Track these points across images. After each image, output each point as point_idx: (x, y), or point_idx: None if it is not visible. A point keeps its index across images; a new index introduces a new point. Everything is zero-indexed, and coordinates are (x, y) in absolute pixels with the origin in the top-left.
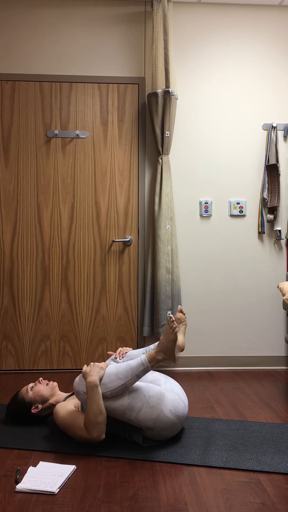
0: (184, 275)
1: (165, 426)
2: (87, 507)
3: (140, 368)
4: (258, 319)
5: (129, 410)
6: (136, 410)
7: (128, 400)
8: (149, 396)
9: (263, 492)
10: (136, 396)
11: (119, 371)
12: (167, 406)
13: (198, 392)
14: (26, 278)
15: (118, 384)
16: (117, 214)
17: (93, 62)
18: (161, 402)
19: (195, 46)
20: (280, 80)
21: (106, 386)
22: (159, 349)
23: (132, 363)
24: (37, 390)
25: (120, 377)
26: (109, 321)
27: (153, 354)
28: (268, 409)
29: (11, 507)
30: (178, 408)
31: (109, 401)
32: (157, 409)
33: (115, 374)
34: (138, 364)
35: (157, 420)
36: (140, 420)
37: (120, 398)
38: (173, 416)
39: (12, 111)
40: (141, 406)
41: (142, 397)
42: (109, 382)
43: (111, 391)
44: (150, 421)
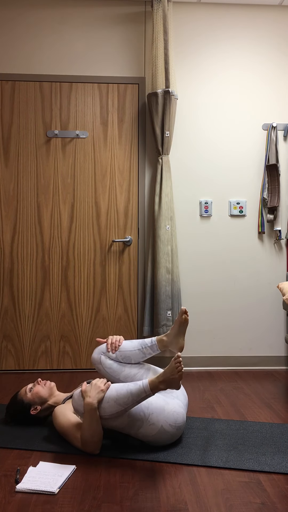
0: (184, 275)
1: (165, 439)
2: (87, 507)
3: (142, 395)
4: (258, 319)
5: (129, 427)
6: (135, 428)
7: (128, 419)
8: (149, 414)
9: (263, 492)
10: (136, 414)
11: (119, 396)
12: (167, 421)
13: (198, 392)
14: (26, 278)
15: (117, 410)
16: (117, 214)
17: (93, 62)
18: (161, 417)
19: (195, 46)
20: (280, 80)
21: (105, 410)
22: (163, 380)
23: (134, 390)
24: (36, 391)
25: (120, 403)
26: (109, 321)
27: (156, 383)
28: (268, 409)
29: (11, 507)
30: (178, 420)
31: (107, 420)
32: (157, 426)
33: (114, 399)
34: (140, 391)
35: (157, 436)
36: (139, 436)
37: (119, 418)
38: (173, 429)
39: (12, 111)
40: (140, 424)
41: (141, 415)
42: (108, 407)
43: (109, 415)
44: (150, 436)
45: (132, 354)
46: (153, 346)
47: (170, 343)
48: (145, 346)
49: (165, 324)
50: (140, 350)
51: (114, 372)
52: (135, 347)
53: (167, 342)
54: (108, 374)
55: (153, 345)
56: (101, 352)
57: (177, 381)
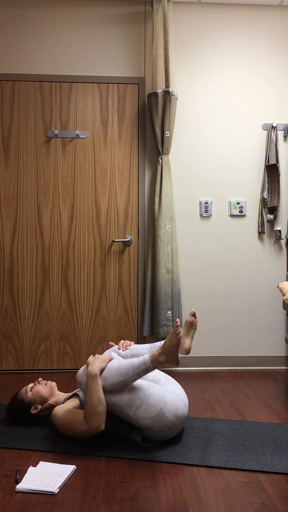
0: (184, 275)
1: (164, 426)
2: (87, 507)
3: (142, 367)
4: (258, 319)
5: (128, 406)
6: (135, 407)
7: (128, 397)
8: (149, 395)
9: (263, 492)
10: (136, 393)
11: (121, 367)
12: (166, 406)
13: (198, 392)
14: (26, 278)
15: (118, 380)
16: (117, 214)
17: (93, 62)
18: (161, 401)
19: (195, 46)
20: (280, 80)
21: (106, 379)
22: (162, 351)
23: (135, 361)
24: (36, 390)
25: (121, 373)
26: (109, 321)
27: (156, 355)
28: (268, 409)
29: (11, 507)
30: (178, 409)
31: (108, 395)
32: (156, 408)
33: (116, 369)
34: (140, 363)
35: (156, 419)
36: (138, 417)
37: (119, 394)
38: (172, 417)
39: (12, 111)
40: (140, 404)
41: (141, 395)
42: (110, 376)
43: (110, 385)
44: (148, 419)
45: (140, 352)
46: None
47: None
48: (154, 347)
49: (165, 324)
50: (149, 350)
51: None
52: (144, 347)
53: None
54: None
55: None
56: (112, 350)
57: (175, 349)
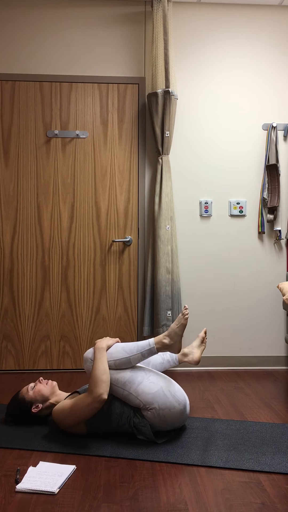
0: (184, 275)
1: (164, 405)
2: (87, 507)
3: (146, 347)
4: (258, 319)
5: (130, 382)
6: (136, 383)
7: (130, 373)
8: (150, 374)
9: (263, 492)
10: (138, 371)
11: (127, 345)
12: (166, 386)
13: (198, 392)
14: (26, 278)
15: (122, 356)
16: (117, 214)
17: (93, 62)
18: (161, 380)
19: (195, 46)
20: (280, 80)
21: (112, 355)
22: (167, 334)
23: (140, 342)
24: (38, 389)
25: (126, 351)
26: (109, 321)
27: (161, 337)
28: (268, 409)
29: (11, 507)
30: (177, 393)
31: (111, 371)
32: (157, 385)
33: (122, 347)
34: (145, 344)
35: (156, 396)
36: (139, 393)
37: (122, 371)
38: (172, 397)
39: (12, 111)
40: (141, 380)
41: (143, 373)
42: (115, 352)
43: (114, 361)
44: (149, 394)
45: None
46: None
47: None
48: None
49: (165, 324)
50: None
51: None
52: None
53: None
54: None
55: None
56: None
57: (181, 330)
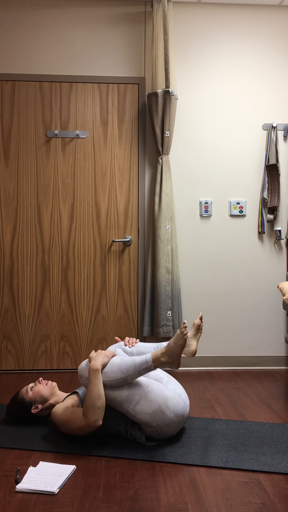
0: (184, 275)
1: (162, 423)
2: (87, 507)
3: (143, 366)
4: (258, 319)
5: (127, 401)
6: (133, 402)
7: (127, 392)
8: (148, 391)
9: (263, 492)
10: (135, 389)
11: (123, 364)
12: (165, 402)
13: (198, 392)
14: (26, 278)
15: (119, 376)
16: (117, 214)
17: (93, 62)
18: (160, 398)
19: (195, 46)
20: (280, 80)
21: (107, 375)
22: (165, 351)
23: (137, 360)
24: (37, 390)
25: (122, 370)
26: (109, 321)
27: (158, 355)
28: (268, 409)
29: (11, 507)
30: (177, 407)
31: (108, 389)
32: (155, 404)
33: (118, 365)
34: (142, 362)
35: (154, 415)
36: (137, 413)
37: (119, 389)
38: (170, 413)
39: (12, 111)
40: (139, 399)
41: (141, 391)
42: (111, 372)
43: (110, 381)
44: (147, 415)
45: (146, 351)
46: None
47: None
48: (160, 346)
49: (165, 324)
50: (155, 349)
51: None
52: (151, 346)
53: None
54: None
55: None
56: (118, 346)
57: (179, 350)
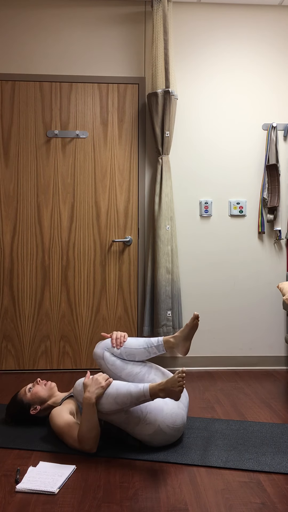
0: (184, 275)
1: (162, 439)
2: (87, 507)
3: (141, 399)
4: (258, 319)
5: (126, 424)
6: (132, 424)
7: (125, 416)
8: (146, 413)
9: (263, 492)
10: (133, 412)
11: (119, 395)
12: (164, 421)
13: (198, 392)
14: (26, 278)
15: (115, 408)
16: (117, 214)
17: (93, 62)
18: (159, 418)
19: (195, 46)
20: (280, 80)
21: (103, 406)
22: (164, 388)
23: (133, 392)
24: (35, 391)
25: (118, 403)
26: (109, 321)
27: (157, 390)
28: (268, 409)
29: (11, 507)
30: (176, 421)
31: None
32: (154, 425)
33: (114, 398)
34: (139, 394)
35: (153, 435)
36: (136, 434)
37: (117, 413)
38: (170, 430)
39: (12, 111)
40: (137, 422)
41: (139, 413)
42: (106, 403)
43: (107, 411)
44: (146, 436)
45: (137, 352)
46: (159, 346)
47: (176, 345)
48: (150, 345)
49: (165, 324)
50: (146, 349)
51: (116, 369)
52: (140, 345)
53: (173, 344)
54: (110, 370)
55: (159, 345)
56: (105, 347)
57: (177, 394)
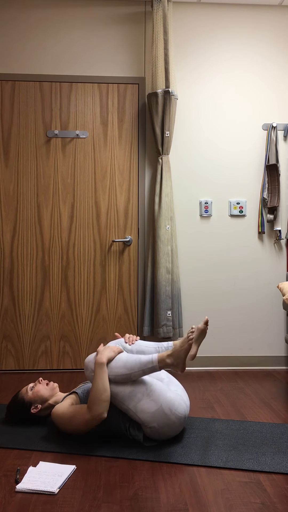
0: (184, 275)
1: (163, 423)
2: (87, 507)
3: (148, 365)
4: (258, 319)
5: (129, 398)
6: (135, 400)
7: (130, 389)
8: (150, 390)
9: (263, 492)
10: (138, 387)
11: (128, 361)
12: (167, 403)
13: (198, 392)
14: (26, 278)
15: (123, 372)
16: (117, 214)
17: (93, 62)
18: (162, 398)
19: (195, 46)
20: (280, 80)
21: (112, 370)
22: (171, 353)
23: (143, 358)
24: (37, 390)
25: (127, 367)
26: (109, 321)
27: (164, 357)
28: (268, 409)
29: (11, 507)
30: (179, 409)
31: (111, 384)
32: (157, 404)
33: (123, 362)
34: (148, 361)
35: (155, 415)
36: (138, 410)
37: (122, 385)
38: (172, 415)
39: (12, 111)
40: (141, 397)
41: (143, 389)
42: (116, 367)
43: (114, 376)
44: (148, 414)
45: (147, 350)
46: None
47: None
48: (160, 347)
49: (165, 324)
50: (155, 349)
51: None
52: (150, 346)
53: None
54: None
55: (169, 347)
56: (118, 342)
57: (184, 354)
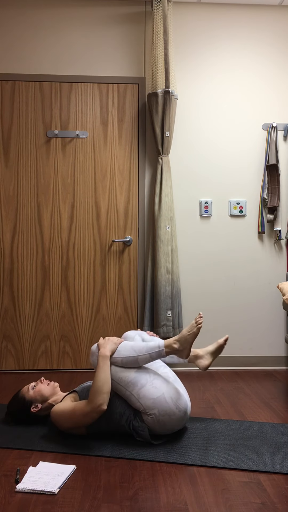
0: (184, 275)
1: (164, 411)
2: (87, 507)
3: (155, 349)
4: (258, 319)
5: (133, 383)
6: (139, 385)
7: (135, 374)
8: (154, 378)
9: (263, 492)
10: (143, 373)
11: (135, 344)
12: (169, 392)
13: (198, 392)
14: (26, 278)
15: (131, 354)
16: (117, 214)
17: (93, 62)
18: (164, 387)
19: (195, 46)
20: (280, 80)
21: (120, 352)
22: (178, 338)
23: (149, 343)
24: (38, 389)
25: (135, 350)
26: (109, 321)
27: (171, 341)
28: (268, 409)
29: (11, 507)
30: (180, 400)
31: (117, 369)
32: (159, 391)
33: (131, 345)
34: (154, 345)
35: (157, 401)
36: (140, 396)
37: (127, 370)
38: (173, 404)
39: (12, 111)
40: (144, 383)
41: (147, 376)
42: (124, 350)
43: (122, 358)
44: (150, 400)
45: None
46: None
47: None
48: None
49: (165, 324)
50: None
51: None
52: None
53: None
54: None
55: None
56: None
57: (191, 338)
